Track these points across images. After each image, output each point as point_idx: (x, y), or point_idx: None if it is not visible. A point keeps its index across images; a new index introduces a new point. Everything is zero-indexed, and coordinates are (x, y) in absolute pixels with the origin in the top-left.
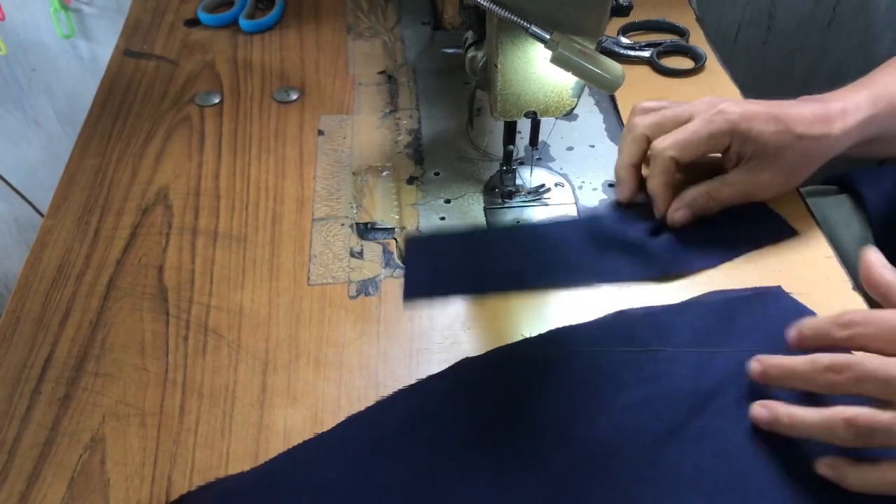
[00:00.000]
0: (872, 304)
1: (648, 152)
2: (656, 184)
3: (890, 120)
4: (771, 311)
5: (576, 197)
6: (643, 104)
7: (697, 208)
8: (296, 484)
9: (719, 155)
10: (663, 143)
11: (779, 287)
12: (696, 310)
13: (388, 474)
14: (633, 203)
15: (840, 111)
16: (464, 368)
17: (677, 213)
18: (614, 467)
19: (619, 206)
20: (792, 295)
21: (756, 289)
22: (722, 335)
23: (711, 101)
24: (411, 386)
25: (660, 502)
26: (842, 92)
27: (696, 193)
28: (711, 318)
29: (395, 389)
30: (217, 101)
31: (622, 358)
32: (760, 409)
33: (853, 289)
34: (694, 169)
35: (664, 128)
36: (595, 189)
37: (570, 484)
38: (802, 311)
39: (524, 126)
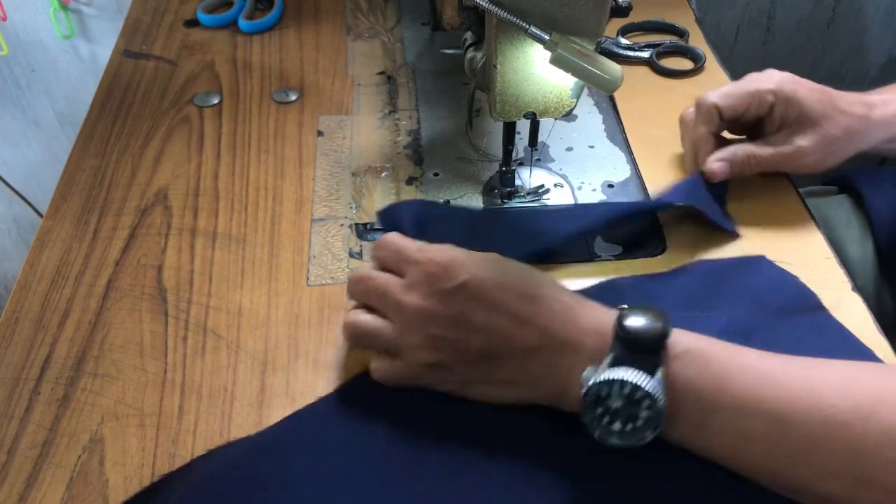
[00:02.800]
0: (873, 305)
1: (695, 105)
2: (700, 133)
3: None
4: (755, 277)
5: (575, 197)
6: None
7: (737, 163)
8: (300, 445)
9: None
10: (708, 94)
11: (762, 256)
12: (683, 278)
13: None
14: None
15: (880, 101)
16: None
17: (716, 163)
18: None
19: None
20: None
21: (741, 258)
22: (708, 300)
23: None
24: None
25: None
26: (881, 90)
27: (738, 148)
28: (698, 284)
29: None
30: (216, 101)
31: None
32: None
33: (852, 289)
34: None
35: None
36: (594, 189)
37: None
38: (786, 277)
39: (523, 127)
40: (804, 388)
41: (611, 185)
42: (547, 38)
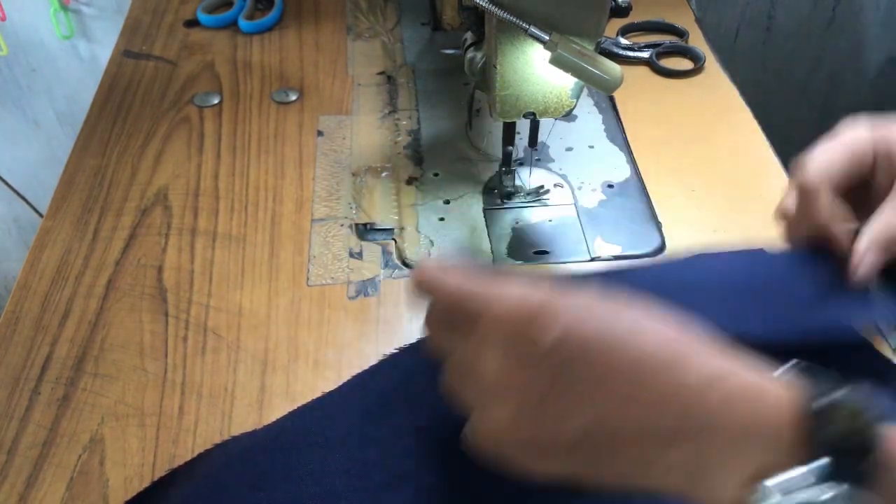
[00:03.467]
0: None
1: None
2: (800, 215)
3: None
4: (757, 267)
5: (575, 198)
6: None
7: (882, 249)
8: (307, 440)
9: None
10: (809, 178)
11: (761, 249)
12: (682, 266)
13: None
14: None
15: None
16: None
17: (866, 257)
18: None
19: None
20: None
21: (742, 250)
22: (717, 292)
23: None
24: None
25: None
26: None
27: (881, 229)
28: (696, 268)
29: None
30: (216, 101)
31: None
32: None
33: None
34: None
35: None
36: (594, 190)
37: None
38: (787, 257)
39: (523, 127)
40: None
41: (611, 186)
42: (547, 38)
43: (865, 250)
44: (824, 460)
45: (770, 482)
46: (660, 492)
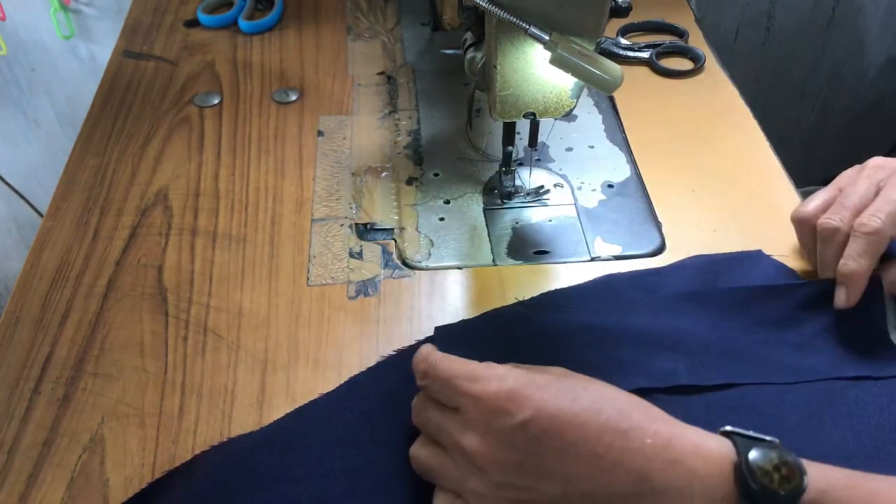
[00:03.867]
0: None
1: (852, 233)
2: (864, 267)
3: None
4: (752, 272)
5: (575, 198)
6: (811, 209)
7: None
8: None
9: None
10: (874, 222)
11: (759, 250)
12: (680, 272)
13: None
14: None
15: None
16: (455, 328)
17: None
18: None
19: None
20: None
21: (738, 252)
22: (706, 296)
23: (882, 165)
24: (407, 348)
25: None
26: None
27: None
28: (695, 279)
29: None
30: (216, 101)
31: (613, 317)
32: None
33: None
34: None
35: (858, 215)
36: (594, 190)
37: None
38: (783, 271)
39: (523, 127)
40: None
41: (611, 186)
42: (547, 38)
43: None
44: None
45: None
46: None
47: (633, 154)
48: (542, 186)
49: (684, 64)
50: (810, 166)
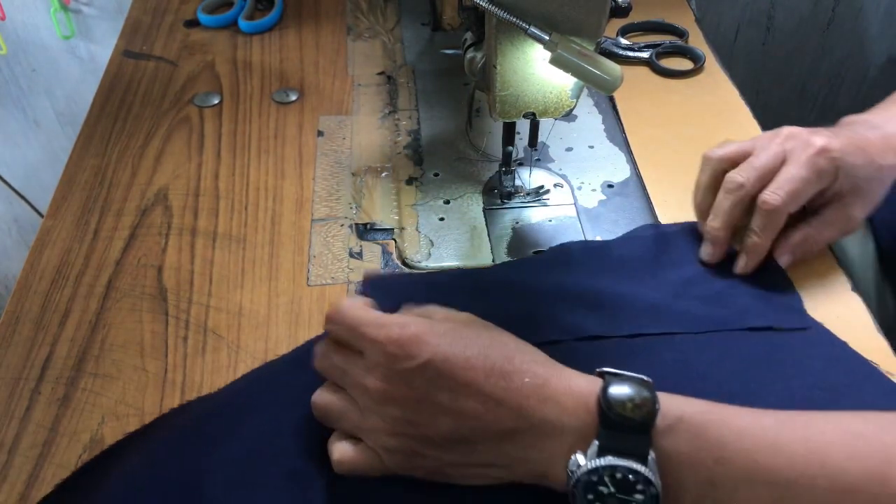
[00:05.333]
0: (873, 305)
1: (756, 206)
2: (766, 240)
3: None
4: (691, 241)
5: (575, 198)
6: (722, 154)
7: (800, 252)
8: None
9: None
10: (774, 199)
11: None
12: (631, 242)
13: None
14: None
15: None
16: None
17: (783, 257)
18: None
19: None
20: None
21: (685, 223)
22: (650, 268)
23: (794, 134)
24: None
25: None
26: (887, 113)
27: (800, 238)
28: (644, 249)
29: None
30: (216, 101)
31: (544, 278)
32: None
33: (852, 289)
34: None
35: (764, 179)
36: (594, 190)
37: None
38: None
39: (523, 127)
40: (808, 451)
41: (611, 186)
42: (547, 38)
43: (785, 252)
44: (611, 434)
45: (578, 456)
46: (508, 480)
47: (633, 154)
48: (542, 186)
49: (684, 64)
50: None
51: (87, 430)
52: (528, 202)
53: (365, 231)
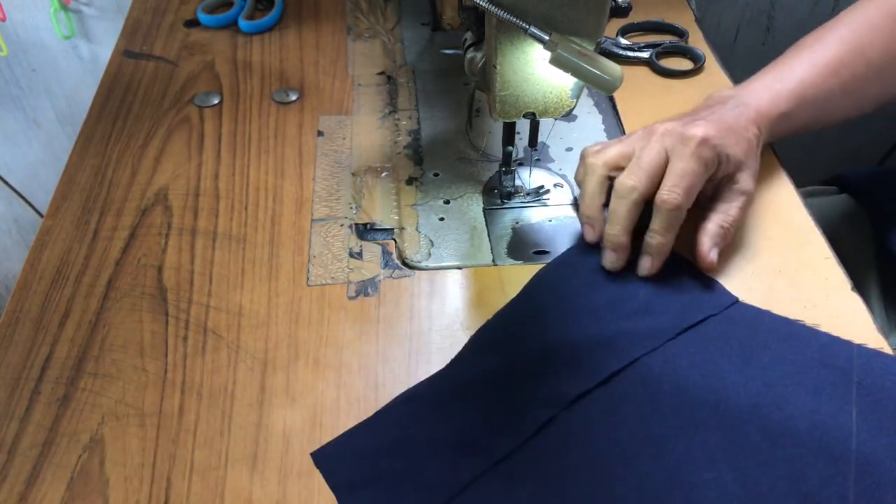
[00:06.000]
0: (873, 305)
1: (656, 207)
2: (669, 239)
3: (804, 110)
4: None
5: (575, 198)
6: (592, 147)
7: (722, 241)
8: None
9: None
10: (674, 198)
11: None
12: (549, 277)
13: None
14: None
15: (755, 113)
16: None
17: (710, 254)
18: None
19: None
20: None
21: (575, 244)
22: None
23: (668, 131)
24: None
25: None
26: (751, 86)
27: (715, 228)
28: (561, 281)
29: (395, 390)
30: (216, 101)
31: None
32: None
33: (851, 289)
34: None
35: (654, 178)
36: None
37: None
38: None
39: (523, 127)
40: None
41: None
42: (547, 38)
43: (710, 248)
44: None
45: None
46: None
47: None
48: (542, 186)
49: (684, 64)
50: (810, 166)
51: (87, 430)
52: (528, 202)
53: (365, 231)
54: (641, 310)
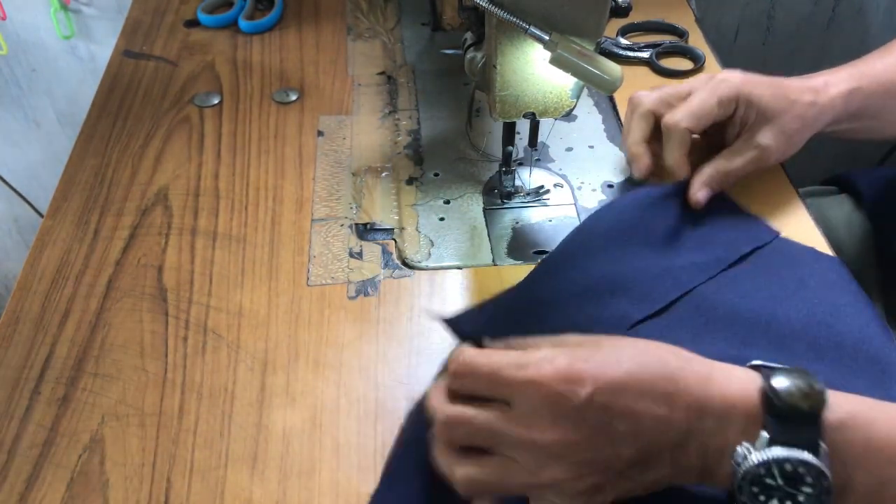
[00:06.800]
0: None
1: (663, 128)
2: (676, 157)
3: (873, 97)
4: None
5: (575, 198)
6: (639, 92)
7: (716, 184)
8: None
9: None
10: (676, 117)
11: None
12: (616, 212)
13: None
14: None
15: (823, 83)
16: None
17: (698, 193)
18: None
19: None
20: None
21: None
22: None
23: (708, 76)
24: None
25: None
26: (826, 71)
27: (710, 171)
28: (631, 216)
29: (395, 390)
30: (216, 101)
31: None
32: None
33: None
34: (702, 149)
35: (669, 103)
36: (594, 190)
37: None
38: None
39: (523, 127)
40: None
41: (610, 186)
42: (547, 38)
43: (700, 187)
44: (779, 424)
45: (745, 447)
46: (674, 483)
47: None
48: (542, 186)
49: (684, 64)
50: (810, 166)
51: (87, 430)
52: (528, 202)
53: (365, 231)
54: (695, 245)
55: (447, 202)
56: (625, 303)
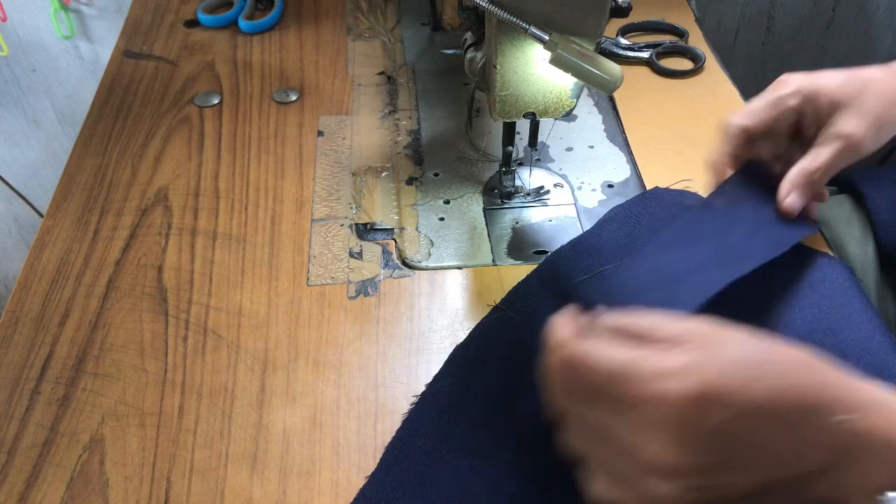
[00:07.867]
0: (873, 305)
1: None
2: (722, 153)
3: None
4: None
5: (575, 198)
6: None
7: (803, 184)
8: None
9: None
10: (732, 116)
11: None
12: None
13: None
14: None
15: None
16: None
17: (787, 198)
18: None
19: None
20: None
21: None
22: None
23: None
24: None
25: None
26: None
27: (795, 171)
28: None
29: (395, 390)
30: (216, 101)
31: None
32: None
33: None
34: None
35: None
36: (594, 190)
37: None
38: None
39: (523, 127)
40: None
41: (611, 186)
42: (547, 38)
43: (788, 192)
44: None
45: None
46: None
47: (633, 154)
48: (542, 186)
49: (684, 64)
50: None
51: (87, 430)
52: (528, 202)
53: (365, 231)
54: (755, 231)
55: (447, 202)
56: (673, 290)
